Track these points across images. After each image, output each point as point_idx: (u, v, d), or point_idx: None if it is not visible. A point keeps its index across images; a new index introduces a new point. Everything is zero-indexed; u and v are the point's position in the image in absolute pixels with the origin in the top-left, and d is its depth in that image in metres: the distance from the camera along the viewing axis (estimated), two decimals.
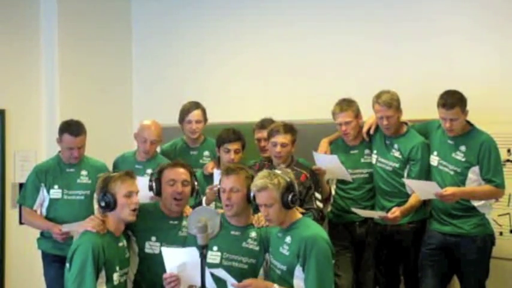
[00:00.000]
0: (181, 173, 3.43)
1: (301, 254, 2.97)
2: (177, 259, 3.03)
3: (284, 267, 3.05)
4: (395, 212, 3.80)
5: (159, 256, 3.14)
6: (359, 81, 4.67)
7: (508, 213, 4.09)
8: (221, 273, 3.01)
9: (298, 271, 3.00)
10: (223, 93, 5.49)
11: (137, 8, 6.12)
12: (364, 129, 4.10)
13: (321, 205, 3.87)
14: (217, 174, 3.72)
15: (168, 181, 3.40)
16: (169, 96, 5.50)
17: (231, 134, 4.06)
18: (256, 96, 5.27)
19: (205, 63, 5.67)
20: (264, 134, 4.14)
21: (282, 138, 3.88)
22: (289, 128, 3.91)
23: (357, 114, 4.07)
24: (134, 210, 3.21)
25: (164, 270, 3.08)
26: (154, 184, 3.45)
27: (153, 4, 6.05)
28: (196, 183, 3.54)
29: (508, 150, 4.09)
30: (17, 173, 5.41)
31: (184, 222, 3.42)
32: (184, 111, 4.41)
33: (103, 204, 3.17)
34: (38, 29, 5.57)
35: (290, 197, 3.02)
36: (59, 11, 5.50)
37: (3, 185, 5.37)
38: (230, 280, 2.99)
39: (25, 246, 4.55)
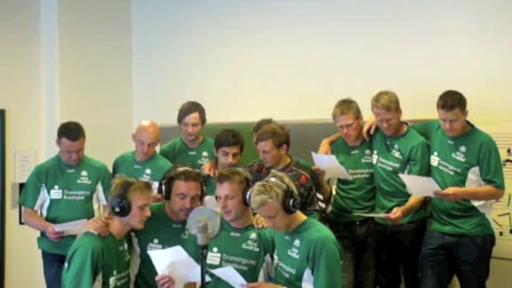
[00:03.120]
0: (192, 187, 3.36)
1: (310, 257, 2.96)
2: (164, 260, 3.03)
3: (293, 271, 3.04)
4: (396, 212, 3.81)
5: None
6: (359, 81, 4.66)
7: (508, 213, 4.09)
8: (228, 273, 3.00)
9: (307, 274, 2.99)
10: (223, 93, 5.49)
11: (137, 8, 6.11)
12: (364, 129, 4.10)
13: (323, 205, 3.86)
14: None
15: (178, 194, 3.36)
16: (169, 96, 5.50)
17: (230, 137, 4.02)
18: (256, 96, 5.27)
19: (205, 64, 5.67)
20: None
21: (263, 146, 3.86)
22: (270, 134, 3.84)
23: (358, 116, 4.06)
24: (143, 220, 3.22)
25: None
26: (164, 189, 3.42)
27: (153, 4, 6.05)
28: (205, 188, 3.50)
29: (508, 150, 4.09)
30: (17, 173, 5.41)
31: (187, 225, 3.41)
32: (182, 113, 4.40)
33: (117, 209, 3.16)
34: (38, 29, 5.57)
35: (291, 202, 2.99)
36: (59, 11, 5.50)
37: (3, 185, 5.38)
38: (240, 280, 2.99)
39: (25, 246, 4.56)
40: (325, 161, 4.04)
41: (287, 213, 3.01)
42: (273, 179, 3.06)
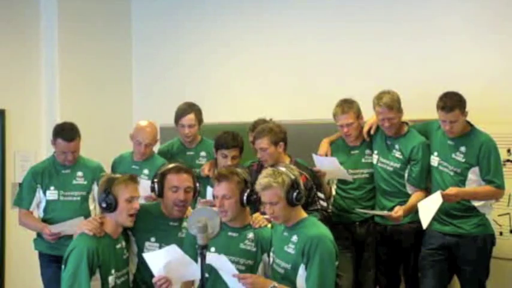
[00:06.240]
0: (184, 179, 3.37)
1: (305, 252, 2.97)
2: (160, 261, 3.03)
3: (288, 266, 3.04)
4: (398, 210, 3.82)
5: None
6: (359, 81, 4.67)
7: (508, 213, 4.09)
8: (222, 260, 3.01)
9: (301, 270, 3.00)
10: (223, 93, 5.49)
11: (137, 8, 6.12)
12: (365, 130, 4.10)
13: (325, 204, 3.85)
14: (210, 191, 3.72)
15: (171, 187, 3.36)
16: (169, 97, 5.49)
17: (230, 140, 4.03)
18: (256, 96, 5.27)
19: (205, 64, 5.67)
20: None
21: (260, 143, 3.87)
22: (266, 132, 3.86)
23: (358, 115, 4.06)
24: (132, 215, 3.21)
25: None
26: (156, 186, 3.42)
27: (153, 4, 6.05)
28: (198, 185, 3.52)
29: (508, 150, 4.09)
30: (17, 173, 5.40)
31: (184, 224, 3.40)
32: (178, 115, 4.39)
33: (104, 205, 3.17)
34: (38, 29, 5.56)
35: (295, 194, 3.01)
36: (59, 11, 5.49)
37: (3, 185, 5.37)
38: (232, 270, 2.99)
39: (25, 246, 4.54)
40: (326, 163, 4.05)
41: (289, 204, 3.02)
42: (283, 168, 3.09)
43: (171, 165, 3.47)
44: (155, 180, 3.44)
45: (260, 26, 5.36)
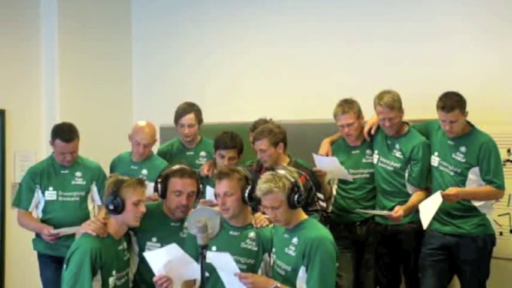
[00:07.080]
0: (188, 184, 3.37)
1: (306, 254, 2.97)
2: (161, 260, 3.03)
3: (289, 268, 3.04)
4: (398, 210, 3.81)
5: None
6: (359, 81, 4.66)
7: (508, 213, 4.09)
8: (226, 258, 3.00)
9: (302, 272, 3.00)
10: (223, 93, 5.49)
11: (137, 8, 6.12)
12: (365, 130, 4.10)
13: (324, 205, 3.85)
14: (209, 191, 3.72)
15: (174, 191, 3.36)
16: (169, 97, 5.49)
17: (228, 141, 4.04)
18: (256, 96, 5.27)
19: (205, 64, 5.67)
20: None
21: (259, 145, 3.86)
22: (266, 133, 3.85)
23: (359, 115, 4.06)
24: (138, 217, 3.22)
25: None
26: (159, 187, 3.42)
27: (153, 4, 6.05)
28: (201, 186, 3.51)
29: (508, 150, 4.09)
30: (17, 173, 5.39)
31: (186, 224, 3.40)
32: (178, 115, 4.39)
33: (111, 207, 3.16)
34: (38, 29, 5.56)
35: (296, 197, 3.01)
36: (59, 11, 5.49)
37: (3, 185, 5.37)
38: (234, 269, 2.99)
39: (25, 246, 4.54)
40: (327, 163, 4.05)
41: (290, 207, 3.02)
42: (282, 172, 3.09)
43: (175, 168, 3.45)
44: (159, 180, 3.43)
45: (260, 26, 5.36)
